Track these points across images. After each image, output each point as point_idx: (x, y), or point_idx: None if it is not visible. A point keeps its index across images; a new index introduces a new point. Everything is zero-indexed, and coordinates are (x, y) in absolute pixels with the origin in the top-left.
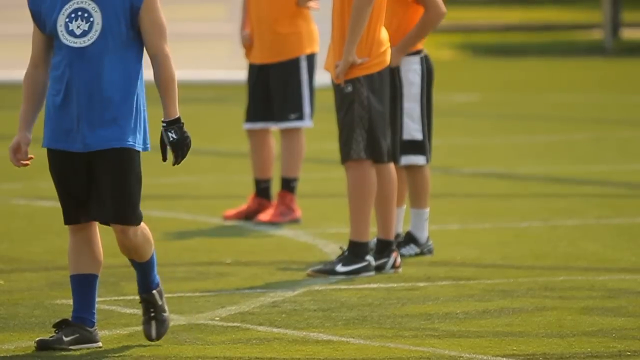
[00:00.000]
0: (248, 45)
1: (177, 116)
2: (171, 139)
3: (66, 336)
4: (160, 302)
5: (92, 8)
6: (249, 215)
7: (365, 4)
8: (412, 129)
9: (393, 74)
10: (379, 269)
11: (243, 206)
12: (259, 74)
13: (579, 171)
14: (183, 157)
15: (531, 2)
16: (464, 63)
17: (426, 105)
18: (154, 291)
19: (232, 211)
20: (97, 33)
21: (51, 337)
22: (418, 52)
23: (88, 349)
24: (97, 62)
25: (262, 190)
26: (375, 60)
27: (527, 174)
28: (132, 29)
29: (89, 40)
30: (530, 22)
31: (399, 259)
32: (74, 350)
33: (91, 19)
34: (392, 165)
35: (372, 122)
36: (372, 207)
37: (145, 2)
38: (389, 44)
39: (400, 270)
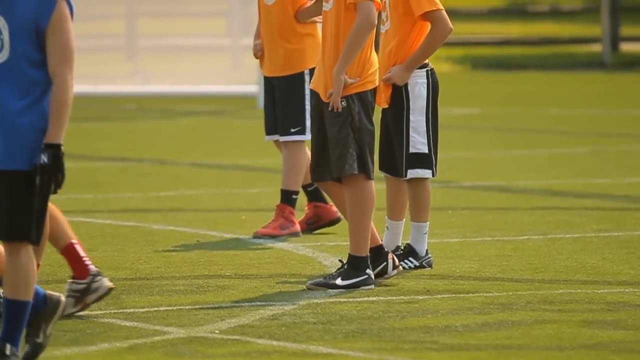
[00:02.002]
0: (259, 55)
1: (58, 142)
2: (42, 161)
3: None
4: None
5: (2, 25)
6: (310, 223)
7: (366, 31)
8: (418, 143)
9: (400, 88)
10: (382, 274)
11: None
12: (268, 87)
13: (579, 184)
14: (51, 185)
15: (531, 16)
16: (464, 76)
17: (432, 118)
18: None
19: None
20: (7, 52)
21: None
22: (424, 66)
23: None
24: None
25: (309, 193)
26: (367, 79)
27: (526, 187)
28: (41, 51)
29: (1, 58)
30: (529, 36)
31: (395, 259)
32: None
33: (1, 37)
34: (373, 183)
35: (363, 139)
36: (371, 220)
37: (51, 24)
38: (377, 65)
39: (400, 268)
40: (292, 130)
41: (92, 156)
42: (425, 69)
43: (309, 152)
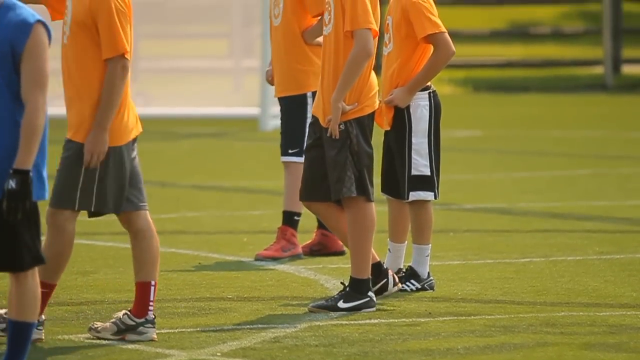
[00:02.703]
0: (270, 80)
1: (26, 168)
2: (10, 187)
3: None
4: None
5: None
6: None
7: (362, 59)
8: (420, 165)
9: (402, 110)
10: (382, 291)
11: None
12: (280, 108)
13: (580, 207)
14: (17, 212)
15: (532, 38)
16: (465, 98)
17: (434, 140)
18: None
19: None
20: None
21: None
22: (426, 88)
23: None
24: None
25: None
26: (366, 103)
27: (528, 209)
28: (18, 74)
29: None
30: (531, 58)
31: (395, 276)
32: None
33: None
34: (373, 205)
35: (361, 162)
36: (372, 243)
37: (26, 48)
38: (377, 88)
39: (399, 285)
40: (290, 151)
41: None
42: (427, 91)
43: None
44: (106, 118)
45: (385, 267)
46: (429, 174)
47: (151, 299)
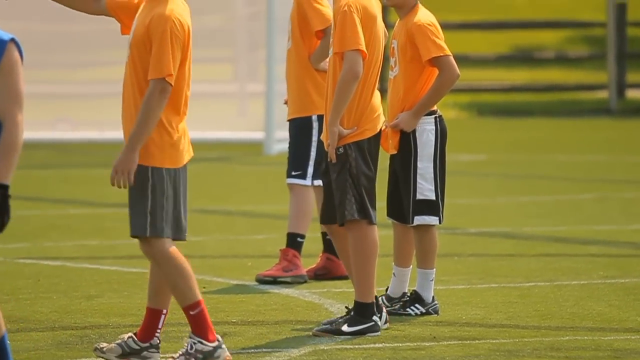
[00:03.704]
0: (285, 102)
1: (5, 183)
2: None
3: None
4: None
5: None
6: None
7: (350, 80)
8: (425, 189)
9: (408, 134)
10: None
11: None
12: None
13: (585, 231)
14: None
15: (537, 62)
16: (470, 123)
17: (439, 165)
18: None
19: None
20: None
21: None
22: (432, 113)
23: None
24: None
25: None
26: (366, 127)
27: (532, 233)
28: None
29: None
30: (535, 82)
31: (387, 316)
32: None
33: None
34: (376, 228)
35: (361, 185)
36: (375, 266)
37: (1, 66)
38: (380, 110)
39: (388, 325)
40: (294, 173)
41: (98, 202)
42: (433, 116)
43: (314, 197)
44: (138, 138)
45: (380, 303)
46: (434, 198)
47: (159, 326)
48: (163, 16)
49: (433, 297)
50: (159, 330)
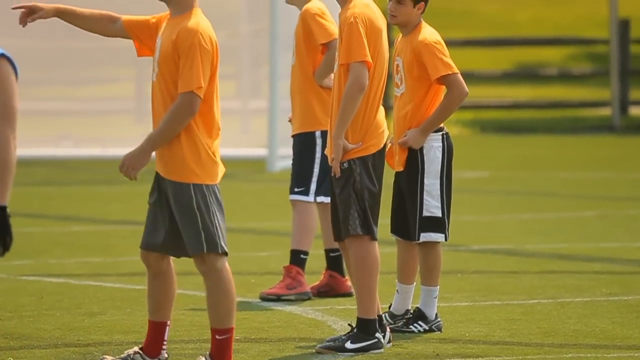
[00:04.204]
0: (289, 119)
1: (3, 204)
2: None
3: None
4: None
5: None
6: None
7: (356, 92)
8: (431, 206)
9: (415, 151)
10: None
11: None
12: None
13: (588, 248)
14: (3, 248)
15: (540, 79)
16: (473, 140)
17: (446, 182)
18: None
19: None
20: None
21: None
22: (440, 130)
23: None
24: None
25: (329, 259)
26: (370, 142)
27: (535, 250)
28: None
29: None
30: (539, 99)
31: (390, 335)
32: None
33: None
34: (376, 244)
35: (365, 200)
36: (377, 282)
37: None
38: (385, 126)
39: (391, 344)
40: (296, 189)
41: (101, 219)
42: (440, 133)
43: (317, 214)
44: (155, 143)
45: (384, 322)
46: (440, 215)
47: (165, 338)
48: (190, 30)
49: (436, 314)
50: (165, 343)
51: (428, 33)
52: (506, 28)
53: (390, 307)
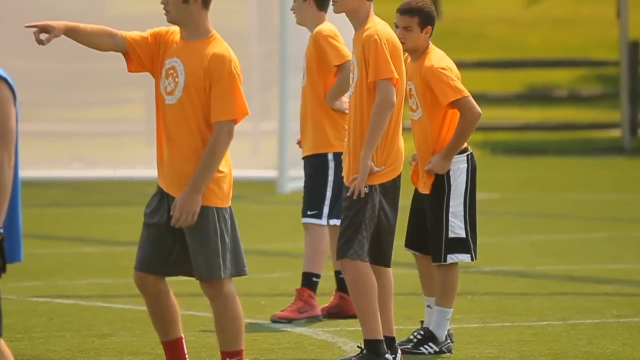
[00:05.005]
0: (298, 142)
1: None
2: None
3: None
4: None
5: None
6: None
7: (386, 109)
8: (456, 227)
9: (442, 174)
10: None
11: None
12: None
13: (598, 270)
14: None
15: (550, 101)
16: (483, 161)
17: (469, 202)
18: None
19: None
20: None
21: None
22: (465, 150)
23: None
24: None
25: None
26: (392, 166)
27: (546, 272)
28: None
29: None
30: (549, 121)
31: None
32: None
33: None
34: (390, 270)
35: (379, 226)
36: (376, 301)
37: None
38: (403, 155)
39: None
40: (309, 212)
41: (111, 241)
42: (465, 154)
43: (328, 237)
44: (203, 180)
45: (396, 344)
46: (464, 236)
47: (185, 352)
48: (223, 57)
49: (446, 336)
50: (187, 357)
51: (435, 58)
52: (516, 50)
53: (422, 323)
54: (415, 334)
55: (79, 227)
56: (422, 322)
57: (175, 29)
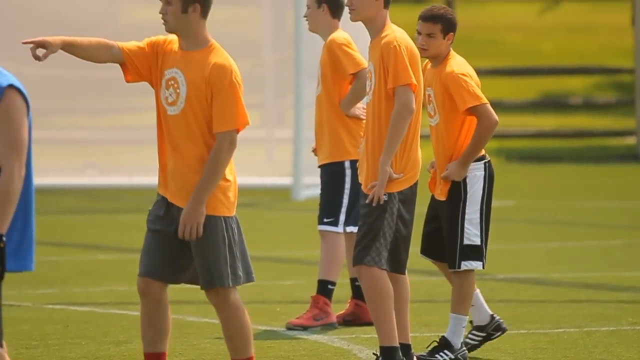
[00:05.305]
0: (313, 150)
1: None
2: None
3: None
4: None
5: None
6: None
7: (406, 116)
8: (472, 235)
9: (458, 181)
10: None
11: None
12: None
13: (613, 277)
14: None
15: (564, 108)
16: (498, 169)
17: (485, 210)
18: None
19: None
20: None
21: None
22: (482, 158)
23: None
24: None
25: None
26: (410, 174)
27: (561, 279)
28: None
29: None
30: (563, 128)
31: None
32: None
33: None
34: (407, 277)
35: (397, 234)
36: (392, 308)
37: None
38: (420, 162)
39: None
40: (326, 220)
41: (127, 248)
42: (483, 162)
43: (344, 244)
44: (206, 191)
45: (412, 351)
46: (479, 243)
47: None
48: (224, 67)
49: (462, 344)
50: None
51: (456, 64)
52: (531, 57)
53: (472, 322)
54: (470, 336)
55: (94, 234)
56: (471, 322)
57: (173, 38)
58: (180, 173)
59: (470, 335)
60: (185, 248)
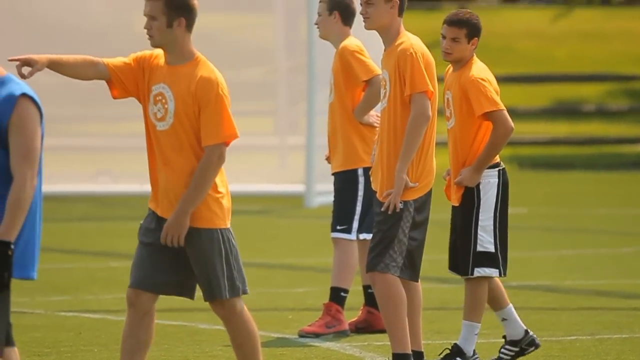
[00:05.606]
0: (326, 158)
1: (8, 239)
2: None
3: None
4: None
5: None
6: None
7: (422, 123)
8: (485, 241)
9: (472, 187)
10: None
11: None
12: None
13: (626, 285)
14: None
15: (577, 115)
16: (511, 176)
17: (500, 217)
18: None
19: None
20: None
21: None
22: (496, 165)
23: None
24: None
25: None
26: (424, 182)
27: (573, 287)
28: (5, 148)
29: None
30: (576, 135)
31: None
32: None
33: None
34: (419, 284)
35: (411, 241)
36: (405, 315)
37: (11, 122)
38: (435, 170)
39: None
40: (339, 227)
41: None
42: (497, 169)
43: (357, 251)
44: (192, 202)
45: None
46: (493, 250)
47: None
48: (210, 80)
49: (474, 351)
50: None
51: (476, 69)
52: (543, 64)
53: (505, 337)
54: (503, 350)
55: (106, 241)
56: (504, 336)
57: (159, 52)
58: (172, 187)
59: (503, 350)
60: (176, 261)
